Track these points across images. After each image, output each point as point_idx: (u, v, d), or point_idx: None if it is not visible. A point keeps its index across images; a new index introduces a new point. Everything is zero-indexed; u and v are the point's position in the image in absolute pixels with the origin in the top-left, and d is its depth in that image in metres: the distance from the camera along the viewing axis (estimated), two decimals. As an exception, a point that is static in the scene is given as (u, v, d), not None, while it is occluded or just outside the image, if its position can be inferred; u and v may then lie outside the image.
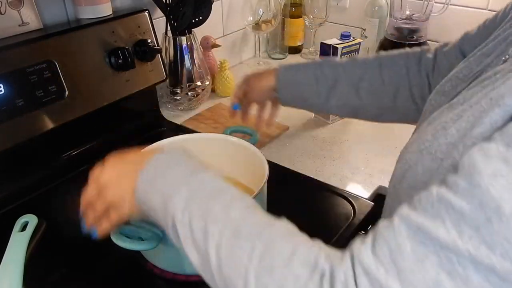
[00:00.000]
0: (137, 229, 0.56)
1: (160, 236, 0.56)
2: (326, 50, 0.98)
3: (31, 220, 0.69)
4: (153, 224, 0.56)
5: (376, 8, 1.27)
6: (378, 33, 1.28)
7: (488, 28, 0.58)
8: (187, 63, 1.04)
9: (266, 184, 0.63)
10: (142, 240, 0.56)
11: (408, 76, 0.69)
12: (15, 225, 0.68)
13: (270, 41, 1.46)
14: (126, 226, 0.56)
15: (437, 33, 1.21)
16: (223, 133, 0.75)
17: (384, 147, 0.93)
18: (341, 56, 0.95)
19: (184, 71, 1.04)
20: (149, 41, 0.91)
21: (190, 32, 1.02)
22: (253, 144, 0.71)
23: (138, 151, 0.54)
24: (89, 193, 0.54)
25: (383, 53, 0.73)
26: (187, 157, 0.50)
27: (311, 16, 1.33)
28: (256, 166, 0.68)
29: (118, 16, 0.88)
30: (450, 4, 1.15)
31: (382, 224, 0.35)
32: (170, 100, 1.07)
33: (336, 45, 0.96)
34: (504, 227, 0.29)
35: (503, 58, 0.44)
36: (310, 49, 1.43)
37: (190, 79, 1.05)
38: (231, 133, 0.76)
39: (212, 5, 0.98)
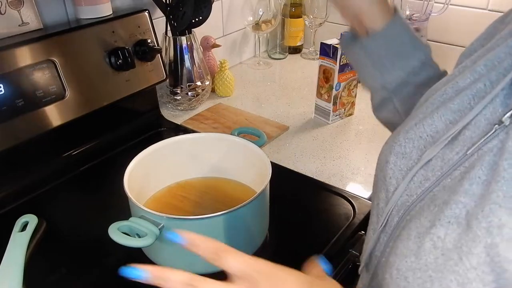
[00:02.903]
0: (134, 226, 0.56)
1: (156, 234, 0.56)
2: (326, 50, 0.98)
3: (31, 220, 0.69)
4: (150, 221, 0.57)
5: (376, 8, 1.27)
6: (378, 33, 1.28)
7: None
8: (187, 63, 1.04)
9: (268, 185, 0.63)
10: (140, 237, 0.56)
11: None
12: (15, 225, 0.68)
13: (270, 41, 1.46)
14: (123, 223, 0.57)
15: (437, 33, 1.22)
16: (231, 134, 0.75)
17: (384, 147, 0.93)
18: (341, 56, 0.95)
19: (184, 71, 1.04)
20: (149, 41, 0.91)
21: (190, 32, 1.02)
22: (260, 146, 0.71)
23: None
24: None
25: None
26: None
27: (311, 16, 1.33)
28: (258, 167, 0.68)
29: (118, 16, 0.88)
30: (450, 4, 1.15)
31: None
32: (170, 100, 1.07)
33: (336, 45, 0.96)
34: None
35: (495, 125, 0.33)
36: (310, 49, 1.43)
37: (190, 79, 1.05)
38: (239, 134, 0.76)
39: (212, 5, 0.98)
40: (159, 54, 0.95)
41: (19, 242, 0.65)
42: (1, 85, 0.69)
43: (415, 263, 0.32)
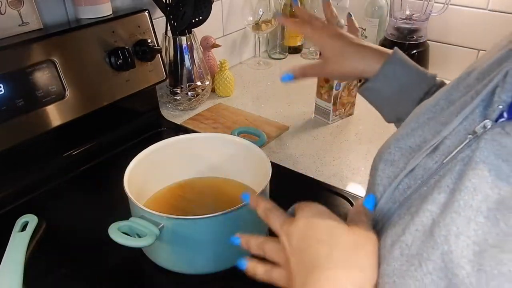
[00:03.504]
0: (134, 226, 0.56)
1: (156, 234, 0.56)
2: (326, 50, 0.98)
3: (31, 220, 0.69)
4: (150, 221, 0.57)
5: (376, 8, 1.27)
6: (378, 33, 1.28)
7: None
8: (187, 63, 1.04)
9: (268, 185, 0.63)
10: (140, 237, 0.56)
11: None
12: (15, 225, 0.68)
13: (270, 41, 1.46)
14: (123, 223, 0.57)
15: (437, 33, 1.22)
16: (231, 134, 0.75)
17: (384, 147, 0.93)
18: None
19: (184, 71, 1.04)
20: (149, 41, 0.91)
21: (190, 32, 1.02)
22: (260, 146, 0.71)
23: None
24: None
25: None
26: None
27: (311, 16, 1.33)
28: (258, 167, 0.68)
29: (118, 16, 0.88)
30: (450, 4, 1.15)
31: None
32: (170, 100, 1.07)
33: (336, 45, 0.96)
34: None
35: (469, 135, 0.34)
36: (310, 49, 1.43)
37: (190, 79, 1.05)
38: (239, 134, 0.76)
39: (212, 5, 0.98)
40: (159, 54, 0.95)
41: (19, 242, 0.65)
42: (1, 85, 0.69)
43: (385, 270, 0.33)
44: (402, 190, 0.38)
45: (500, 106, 0.32)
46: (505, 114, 0.32)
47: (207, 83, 1.08)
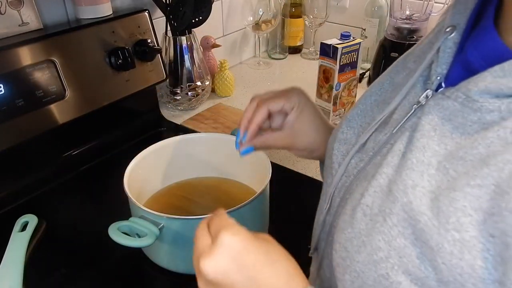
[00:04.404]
0: (134, 226, 0.57)
1: (156, 234, 0.56)
2: (326, 50, 0.98)
3: (31, 220, 0.69)
4: (150, 221, 0.57)
5: (376, 8, 1.27)
6: (378, 33, 1.28)
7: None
8: (187, 63, 1.04)
9: (268, 185, 0.63)
10: (140, 237, 0.56)
11: None
12: (15, 225, 0.68)
13: (270, 41, 1.46)
14: (123, 223, 0.57)
15: (437, 33, 1.21)
16: (231, 134, 0.75)
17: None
18: (341, 56, 0.95)
19: (184, 71, 1.04)
20: (149, 41, 0.91)
21: (190, 32, 1.02)
22: None
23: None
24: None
25: None
26: None
27: (311, 16, 1.33)
28: (258, 167, 0.68)
29: (118, 16, 0.88)
30: (450, 4, 1.15)
31: None
32: (170, 100, 1.07)
33: (336, 45, 0.96)
34: None
35: (414, 106, 0.37)
36: (310, 49, 1.43)
37: (190, 79, 1.05)
38: None
39: (212, 5, 0.98)
40: (159, 54, 0.95)
41: (19, 242, 0.65)
42: (1, 85, 0.69)
43: (351, 233, 0.35)
44: (354, 164, 0.41)
45: (438, 78, 0.36)
46: (443, 84, 0.36)
47: (207, 83, 1.08)
